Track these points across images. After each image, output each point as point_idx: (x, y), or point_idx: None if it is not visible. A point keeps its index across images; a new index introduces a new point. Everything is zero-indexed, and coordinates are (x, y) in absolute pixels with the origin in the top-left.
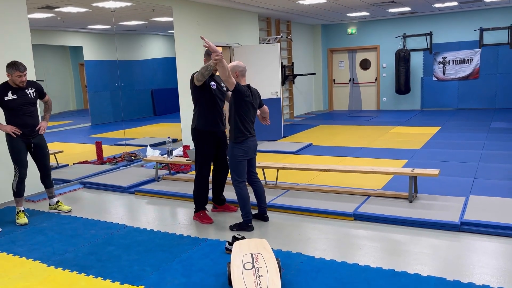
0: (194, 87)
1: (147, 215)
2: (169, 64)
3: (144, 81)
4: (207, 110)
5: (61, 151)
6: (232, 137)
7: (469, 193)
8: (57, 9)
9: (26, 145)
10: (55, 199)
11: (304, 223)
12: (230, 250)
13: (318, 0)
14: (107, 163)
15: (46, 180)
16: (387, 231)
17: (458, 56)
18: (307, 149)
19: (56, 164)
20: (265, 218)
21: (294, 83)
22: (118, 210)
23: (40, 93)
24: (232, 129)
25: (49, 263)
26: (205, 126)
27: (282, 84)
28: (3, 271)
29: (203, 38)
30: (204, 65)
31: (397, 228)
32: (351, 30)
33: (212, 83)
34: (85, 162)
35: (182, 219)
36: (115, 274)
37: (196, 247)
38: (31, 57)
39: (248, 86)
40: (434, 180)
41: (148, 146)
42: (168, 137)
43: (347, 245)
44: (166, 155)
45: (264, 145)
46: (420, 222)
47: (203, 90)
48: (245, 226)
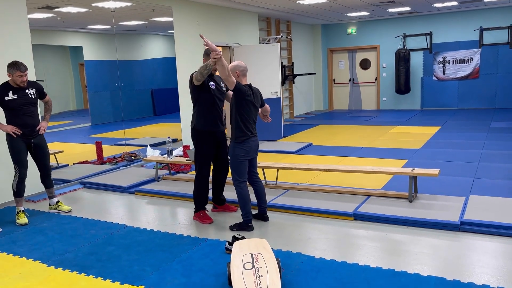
0: (193, 87)
1: (147, 215)
2: (169, 64)
3: (144, 81)
4: (206, 110)
5: (61, 151)
6: (234, 137)
7: (469, 193)
8: (57, 9)
9: (26, 145)
10: (55, 199)
11: (304, 223)
12: (230, 250)
13: (318, 0)
14: (107, 163)
15: (46, 180)
16: (387, 231)
17: (458, 56)
18: (307, 149)
19: (56, 164)
20: (265, 218)
21: (294, 83)
22: (118, 210)
23: (41, 93)
24: (234, 129)
25: (49, 263)
26: (205, 126)
27: (282, 84)
28: (3, 271)
29: (202, 37)
30: (203, 64)
31: (397, 228)
32: (351, 30)
33: (211, 83)
34: (85, 162)
35: (182, 219)
36: (115, 274)
37: (196, 247)
38: (31, 57)
39: (250, 86)
40: (434, 180)
41: (148, 146)
42: (168, 137)
43: (347, 245)
44: (166, 155)
45: (264, 145)
46: (420, 222)
47: (202, 90)
48: (245, 226)
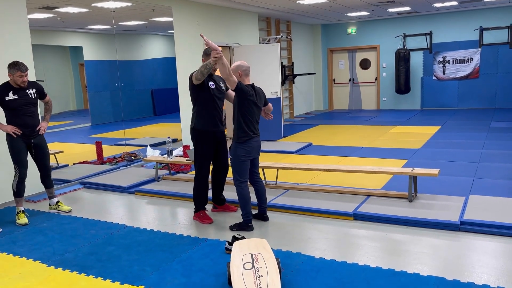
0: (193, 87)
1: (147, 215)
2: (169, 64)
3: (144, 81)
4: (206, 110)
5: (61, 151)
6: (236, 137)
7: (469, 193)
8: (57, 9)
9: (27, 145)
10: (55, 199)
11: (304, 223)
12: (230, 250)
13: (318, 0)
14: (107, 163)
15: (46, 180)
16: (387, 231)
17: (458, 56)
18: (307, 149)
19: (56, 164)
20: (265, 218)
21: (294, 83)
22: (118, 210)
23: (41, 94)
24: (236, 129)
25: (49, 263)
26: (204, 126)
27: (282, 84)
28: (3, 271)
29: (203, 36)
30: (204, 64)
31: (397, 228)
32: (351, 30)
33: (211, 83)
34: (85, 162)
35: (182, 219)
36: (115, 274)
37: (196, 247)
38: (31, 57)
39: (252, 86)
40: (434, 180)
41: (148, 146)
42: (168, 137)
43: (347, 245)
44: (166, 155)
45: (264, 145)
46: (420, 222)
47: (202, 90)
48: (245, 226)
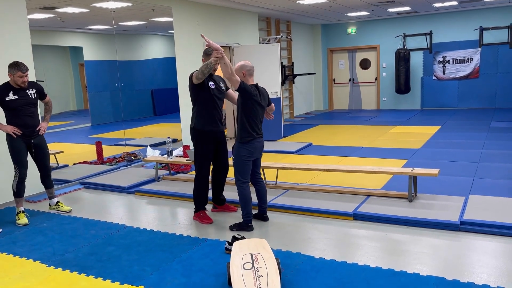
0: (193, 86)
1: (147, 215)
2: (169, 64)
3: (144, 81)
4: (206, 110)
5: (61, 152)
6: (239, 137)
7: (469, 193)
8: (57, 10)
9: (27, 146)
10: (55, 200)
11: (304, 223)
12: (230, 250)
13: (318, 0)
14: (107, 163)
15: (46, 181)
16: (387, 231)
17: (458, 56)
18: (307, 149)
19: (56, 165)
20: (265, 218)
21: (294, 83)
22: (118, 210)
23: (41, 94)
24: (239, 129)
25: (49, 264)
26: (204, 126)
27: (282, 84)
28: (3, 272)
29: (203, 36)
30: (205, 63)
31: (397, 228)
32: (351, 30)
33: (211, 83)
34: (85, 163)
35: (182, 219)
36: (115, 274)
37: (196, 247)
38: (31, 57)
39: (256, 86)
40: (434, 180)
41: (148, 146)
42: (168, 137)
43: (347, 245)
44: (166, 155)
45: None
46: (420, 222)
47: (201, 89)
48: (245, 226)
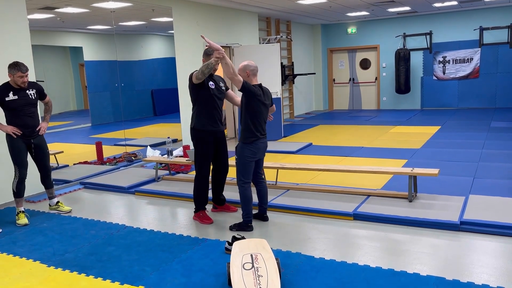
0: (192, 86)
1: (147, 216)
2: (169, 64)
3: (144, 81)
4: (205, 110)
5: (61, 152)
6: (242, 138)
7: (469, 193)
8: (57, 10)
9: (26, 146)
10: (55, 200)
11: (304, 223)
12: (230, 250)
13: (318, 0)
14: (107, 164)
15: (46, 181)
16: (387, 231)
17: (458, 56)
18: (307, 149)
19: (56, 165)
20: (265, 218)
21: (294, 83)
22: (118, 211)
23: (41, 94)
24: (243, 130)
25: (49, 264)
26: (204, 126)
27: (282, 84)
28: (4, 272)
29: (204, 37)
30: (205, 63)
31: (397, 228)
32: (351, 30)
33: (211, 83)
34: (85, 163)
35: (182, 219)
36: (115, 274)
37: (196, 247)
38: (31, 58)
39: (260, 86)
40: (434, 180)
41: (148, 146)
42: (168, 137)
43: (347, 245)
44: (166, 155)
45: None
46: (420, 222)
47: (201, 89)
48: (245, 226)
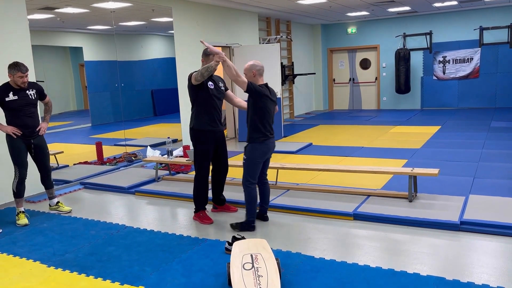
0: (191, 86)
1: (147, 216)
2: (169, 64)
3: (144, 82)
4: (205, 110)
5: (61, 152)
6: (251, 138)
7: (469, 193)
8: (57, 10)
9: (26, 146)
10: (55, 200)
11: (304, 223)
12: (230, 250)
13: (318, 0)
14: (107, 164)
15: (46, 181)
16: (387, 231)
17: (458, 55)
18: (307, 149)
19: (57, 165)
20: (265, 218)
21: (294, 83)
22: (118, 211)
23: (41, 95)
24: (251, 131)
25: (49, 264)
26: (203, 126)
27: (282, 84)
28: (4, 272)
29: (203, 42)
30: (205, 66)
31: (397, 228)
32: (351, 30)
33: (210, 83)
34: (85, 163)
35: (182, 220)
36: (115, 275)
37: (196, 247)
38: (31, 58)
39: (266, 85)
40: (434, 180)
41: (148, 147)
42: (168, 138)
43: (347, 245)
44: (166, 156)
45: None
46: (420, 222)
47: (201, 90)
48: (248, 226)
